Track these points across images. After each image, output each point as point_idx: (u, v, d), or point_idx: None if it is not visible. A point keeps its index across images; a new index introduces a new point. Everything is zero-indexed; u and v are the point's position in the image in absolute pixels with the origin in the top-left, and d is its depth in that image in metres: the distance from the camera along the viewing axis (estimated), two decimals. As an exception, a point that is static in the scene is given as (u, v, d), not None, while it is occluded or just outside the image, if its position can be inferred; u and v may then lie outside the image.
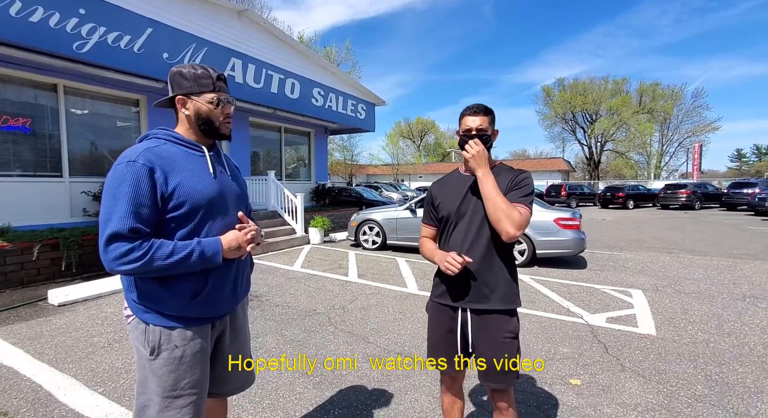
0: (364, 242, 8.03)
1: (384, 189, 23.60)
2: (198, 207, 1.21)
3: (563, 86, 43.56)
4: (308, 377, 2.72)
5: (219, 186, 1.28)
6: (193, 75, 1.26)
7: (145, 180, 1.11)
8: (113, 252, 1.08)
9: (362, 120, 12.74)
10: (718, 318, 3.83)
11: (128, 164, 1.12)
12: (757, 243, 8.73)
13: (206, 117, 1.28)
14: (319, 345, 3.25)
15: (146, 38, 6.50)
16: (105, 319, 3.85)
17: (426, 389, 2.54)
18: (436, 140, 62.32)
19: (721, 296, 4.60)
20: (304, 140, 13.01)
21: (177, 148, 1.24)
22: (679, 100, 42.30)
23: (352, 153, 37.01)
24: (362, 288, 5.06)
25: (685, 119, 42.82)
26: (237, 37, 8.90)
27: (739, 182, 21.15)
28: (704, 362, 2.86)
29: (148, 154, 1.16)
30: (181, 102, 1.27)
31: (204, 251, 1.17)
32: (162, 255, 1.11)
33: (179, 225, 1.20)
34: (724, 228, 11.78)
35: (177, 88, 1.26)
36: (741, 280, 5.35)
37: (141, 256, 1.09)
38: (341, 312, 4.11)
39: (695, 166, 37.82)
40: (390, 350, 3.16)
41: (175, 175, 1.18)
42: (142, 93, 7.60)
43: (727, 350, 3.09)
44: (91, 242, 5.58)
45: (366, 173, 46.85)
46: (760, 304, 4.27)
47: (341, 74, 12.81)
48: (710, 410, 2.25)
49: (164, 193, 1.15)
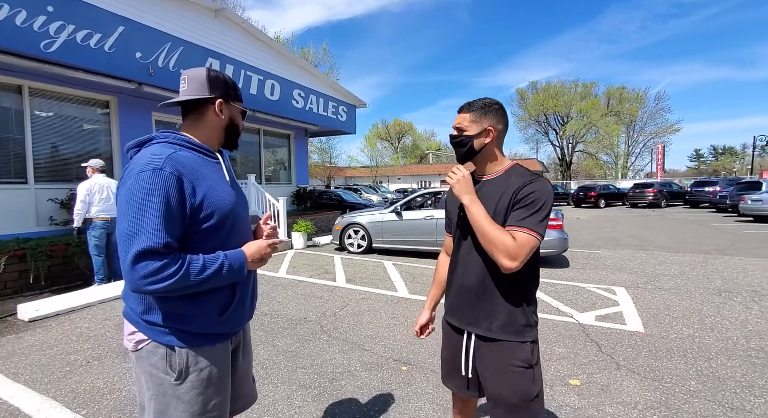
0: (349, 245, 7.94)
1: (363, 191, 23.51)
2: (225, 218, 1.15)
3: (536, 89, 44.96)
4: (306, 389, 2.64)
5: (236, 194, 1.24)
6: (232, 82, 1.26)
7: (174, 190, 1.04)
8: (143, 270, 0.98)
9: (343, 122, 12.64)
10: (699, 313, 4.00)
11: (155, 172, 1.03)
12: (723, 239, 9.25)
13: (236, 125, 1.28)
14: (314, 355, 3.16)
15: (118, 37, 6.18)
16: (80, 335, 3.61)
17: (429, 397, 2.51)
18: (414, 142, 62.81)
19: (698, 291, 4.83)
20: (283, 143, 12.77)
21: (193, 154, 1.17)
22: (644, 103, 44.54)
23: (330, 155, 36.76)
24: (352, 293, 4.99)
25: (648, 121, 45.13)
26: (214, 36, 8.63)
27: (701, 181, 22.43)
28: (693, 358, 2.97)
29: (173, 161, 1.07)
30: (219, 105, 1.22)
31: (232, 265, 1.12)
32: (195, 271, 1.04)
33: (207, 238, 1.12)
34: (690, 225, 12.42)
35: (216, 91, 1.21)
36: (714, 275, 5.63)
37: (174, 272, 1.00)
38: (333, 319, 4.03)
39: (659, 166, 39.86)
40: (387, 356, 3.11)
41: (201, 184, 1.11)
42: (113, 94, 7.23)
43: (713, 344, 3.22)
44: (60, 252, 5.24)
45: (344, 176, 46.60)
46: (736, 298, 4.50)
47: (321, 76, 12.68)
48: (707, 405, 2.33)
49: (193, 204, 1.08)
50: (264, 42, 10.27)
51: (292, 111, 10.48)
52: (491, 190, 1.33)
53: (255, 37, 9.94)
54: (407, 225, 7.30)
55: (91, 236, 4.96)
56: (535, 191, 1.23)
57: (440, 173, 46.48)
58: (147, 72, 6.76)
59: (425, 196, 8.45)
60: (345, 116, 12.69)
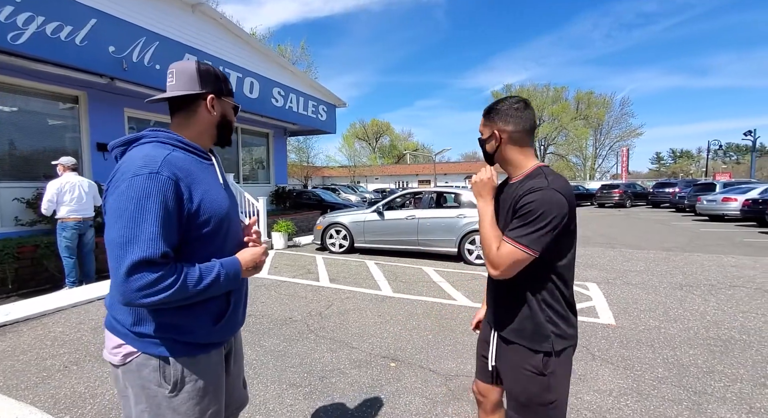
0: (330, 245, 7.94)
1: (342, 191, 23.46)
2: (221, 223, 1.10)
3: (511, 92, 46.15)
4: (297, 387, 2.66)
5: (229, 197, 1.19)
6: (223, 76, 1.19)
7: (171, 196, 0.98)
8: (138, 281, 0.91)
9: (323, 121, 12.59)
10: (663, 306, 4.29)
11: (151, 176, 0.96)
12: (682, 237, 9.88)
13: (229, 121, 1.22)
14: (303, 354, 3.18)
15: (90, 30, 5.93)
16: (55, 339, 3.47)
17: (418, 391, 2.59)
18: (391, 142, 63.08)
19: (662, 285, 5.17)
20: (262, 142, 12.57)
21: (187, 155, 1.10)
22: (610, 107, 46.73)
23: (308, 155, 36.38)
24: (336, 293, 5.01)
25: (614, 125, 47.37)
26: (191, 31, 8.41)
27: (662, 182, 23.78)
28: (660, 347, 3.20)
29: (169, 164, 1.01)
30: (211, 101, 1.15)
31: (228, 273, 1.07)
32: (192, 282, 0.99)
33: (204, 245, 1.07)
34: (653, 224, 13.17)
35: (208, 86, 1.15)
36: (675, 270, 6.04)
37: (171, 284, 0.95)
38: (319, 318, 4.05)
39: (624, 168, 41.95)
40: (376, 354, 3.18)
41: (198, 189, 1.05)
42: (83, 89, 6.93)
43: (677, 334, 3.48)
44: (28, 254, 4.98)
45: (322, 175, 46.23)
46: (695, 292, 4.85)
47: (301, 74, 12.58)
48: (673, 390, 2.54)
49: (190, 210, 1.02)
50: (243, 38, 10.09)
51: (272, 109, 10.35)
52: (509, 194, 1.31)
53: (233, 34, 9.75)
54: (389, 225, 7.38)
55: (62, 237, 4.75)
56: (533, 202, 1.16)
57: (418, 173, 46.92)
58: (120, 66, 6.53)
59: (406, 196, 8.57)
60: (325, 115, 12.64)
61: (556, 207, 1.15)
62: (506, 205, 1.30)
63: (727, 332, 3.53)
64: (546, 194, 1.16)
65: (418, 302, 4.61)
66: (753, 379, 2.67)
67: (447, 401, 2.47)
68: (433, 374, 2.83)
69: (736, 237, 9.73)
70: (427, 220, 7.08)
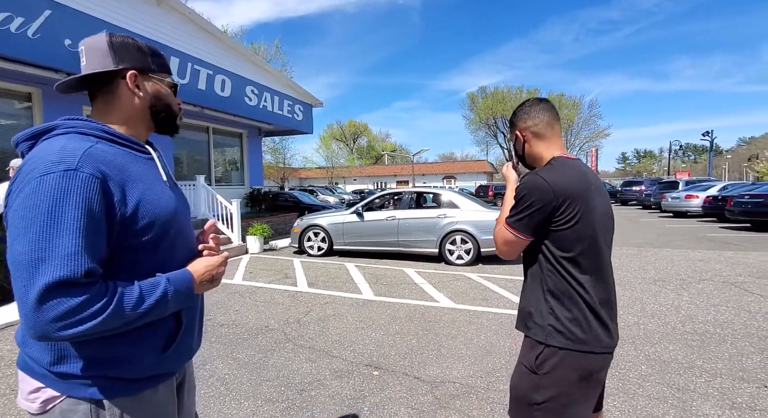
0: (309, 248, 7.72)
1: (320, 193, 23.16)
2: (167, 229, 0.91)
3: (485, 94, 47.04)
4: (273, 403, 2.48)
5: (176, 197, 0.99)
6: (148, 48, 0.97)
7: (97, 198, 0.78)
8: (55, 310, 0.71)
9: (299, 121, 12.31)
10: (640, 302, 4.36)
11: (68, 174, 0.76)
12: (651, 233, 10.25)
13: (167, 103, 1.00)
14: (280, 366, 3.00)
15: (44, 21, 5.49)
16: (2, 359, 3.13)
17: (403, 401, 2.47)
18: (369, 143, 62.99)
19: (637, 281, 5.28)
20: (235, 142, 12.16)
21: (116, 148, 0.89)
22: (579, 109, 48.35)
23: (284, 156, 35.71)
24: (315, 298, 4.83)
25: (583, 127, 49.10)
26: (156, 26, 8.00)
27: (629, 181, 24.82)
28: (641, 344, 3.22)
29: (92, 159, 0.80)
30: (132, 79, 0.93)
31: (178, 291, 0.88)
32: (129, 305, 0.79)
33: (145, 255, 0.88)
34: (623, 221, 13.64)
35: (126, 60, 0.92)
36: (648, 266, 6.21)
37: (101, 309, 0.75)
38: (297, 326, 3.86)
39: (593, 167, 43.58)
40: (358, 362, 3.04)
41: (134, 187, 0.86)
42: (37, 85, 6.43)
43: (655, 330, 3.52)
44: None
45: (299, 177, 45.55)
46: (668, 286, 4.98)
47: (276, 73, 12.27)
48: (657, 388, 2.53)
49: (124, 214, 0.82)
50: (213, 34, 9.70)
51: (245, 109, 10.01)
52: None
53: (203, 29, 9.36)
54: (369, 226, 7.24)
55: None
56: (518, 187, 1.25)
57: (396, 174, 47.02)
58: (78, 61, 6.08)
59: (386, 196, 8.46)
60: (301, 115, 12.36)
61: (536, 192, 1.17)
62: None
63: (702, 325, 3.61)
64: (529, 180, 1.21)
65: (400, 305, 4.49)
66: (731, 373, 2.71)
67: (434, 410, 2.36)
68: (418, 381, 2.71)
69: (699, 232, 10.18)
70: (407, 220, 6.99)
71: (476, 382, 2.66)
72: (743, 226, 10.98)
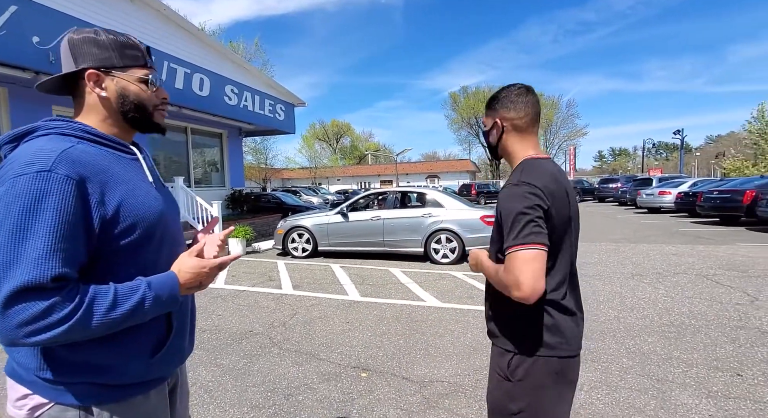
0: (293, 250, 7.62)
1: (303, 193, 22.91)
2: (152, 230, 0.88)
3: (467, 94, 47.65)
4: (260, 409, 2.43)
5: (163, 199, 0.96)
6: (114, 42, 0.90)
7: (72, 200, 0.76)
8: (20, 315, 0.70)
9: (281, 121, 12.15)
10: (619, 296, 4.49)
11: (41, 176, 0.74)
12: (628, 229, 10.59)
13: (136, 100, 0.92)
14: (265, 371, 2.94)
15: (9, 18, 5.23)
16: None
17: (392, 402, 2.46)
18: (352, 143, 62.77)
19: (616, 276, 5.43)
20: (215, 142, 11.90)
21: (98, 149, 0.87)
22: (558, 109, 49.57)
23: (266, 156, 35.20)
24: (300, 300, 4.77)
25: (562, 125, 50.37)
26: (130, 23, 7.73)
27: (606, 179, 25.57)
28: (621, 337, 3.31)
29: (68, 160, 0.78)
30: (93, 79, 0.89)
31: (159, 296, 0.83)
32: (101, 309, 0.76)
33: (128, 259, 0.85)
34: (601, 217, 14.05)
35: (84, 60, 0.88)
36: (626, 261, 6.40)
37: (67, 316, 0.72)
38: (282, 330, 3.80)
39: (571, 165, 44.77)
40: (345, 364, 3.01)
41: (115, 188, 0.83)
42: (3, 84, 6.15)
43: (634, 323, 3.63)
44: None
45: (281, 177, 44.99)
46: (645, 280, 5.14)
47: (257, 72, 12.06)
48: (638, 379, 2.60)
49: (104, 216, 0.80)
50: (190, 32, 9.46)
51: (225, 108, 9.80)
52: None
53: (179, 26, 9.11)
54: (354, 226, 7.21)
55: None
56: (502, 204, 1.10)
57: (380, 174, 47.02)
58: (47, 60, 5.82)
59: (370, 196, 8.43)
60: (283, 115, 12.20)
61: (532, 197, 1.05)
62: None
63: (678, 317, 3.74)
64: (515, 190, 1.08)
65: (386, 305, 4.48)
66: (706, 363, 2.81)
67: (423, 410, 2.36)
68: (407, 381, 2.71)
69: (672, 227, 10.58)
70: (392, 220, 6.99)
71: (464, 380, 2.67)
72: (713, 220, 11.47)
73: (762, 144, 23.89)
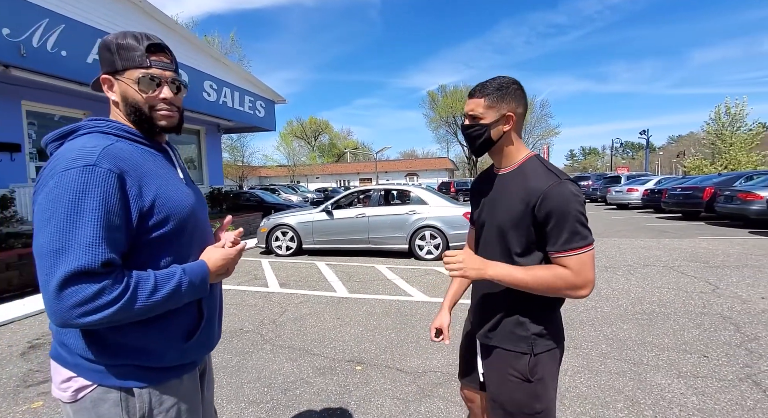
0: (276, 248, 7.56)
1: (282, 191, 22.60)
2: (184, 223, 0.94)
3: (445, 92, 48.17)
4: (258, 404, 2.45)
5: (194, 194, 1.02)
6: (117, 46, 0.92)
7: (115, 192, 0.82)
8: (73, 297, 0.75)
9: (261, 118, 11.96)
10: (596, 287, 4.74)
11: (86, 169, 0.80)
12: (599, 224, 11.09)
13: (132, 102, 0.94)
14: (260, 367, 2.95)
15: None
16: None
17: (388, 393, 2.54)
18: (331, 141, 62.29)
19: (591, 269, 5.72)
20: (192, 139, 11.58)
21: (133, 146, 0.93)
22: (532, 108, 50.95)
23: (243, 154, 34.46)
24: (288, 298, 4.77)
25: (536, 125, 51.83)
26: (105, 15, 7.43)
27: (578, 176, 26.61)
28: (600, 325, 3.52)
29: (110, 155, 0.84)
30: (106, 83, 0.95)
31: (192, 281, 0.90)
32: (144, 294, 0.82)
33: (161, 249, 0.91)
34: (574, 214, 14.62)
35: (103, 65, 0.95)
36: (599, 254, 6.73)
37: (116, 298, 0.78)
38: (273, 327, 3.80)
39: (546, 164, 46.13)
40: (339, 358, 3.06)
41: (150, 183, 0.89)
42: (-37, 76, 5.76)
43: (610, 312, 3.86)
44: None
45: (258, 175, 44.15)
46: (618, 272, 5.45)
47: (236, 68, 11.81)
48: (616, 363, 2.79)
49: (141, 208, 0.86)
50: (167, 25, 9.16)
51: (203, 104, 9.57)
52: (508, 188, 1.18)
53: (155, 19, 8.81)
54: (339, 224, 7.23)
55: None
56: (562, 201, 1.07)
57: (359, 172, 46.94)
58: (18, 52, 5.53)
59: (354, 194, 8.47)
60: (263, 112, 12.01)
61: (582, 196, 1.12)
62: (510, 201, 1.15)
63: (649, 306, 4.00)
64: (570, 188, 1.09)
65: (375, 301, 4.55)
66: (676, 346, 3.05)
67: (419, 399, 2.45)
68: (401, 373, 2.79)
69: (640, 222, 11.17)
70: (377, 218, 7.06)
71: (456, 370, 2.78)
72: (676, 216, 12.19)
73: (718, 144, 25.44)
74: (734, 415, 2.15)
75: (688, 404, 2.27)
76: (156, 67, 0.94)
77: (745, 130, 24.91)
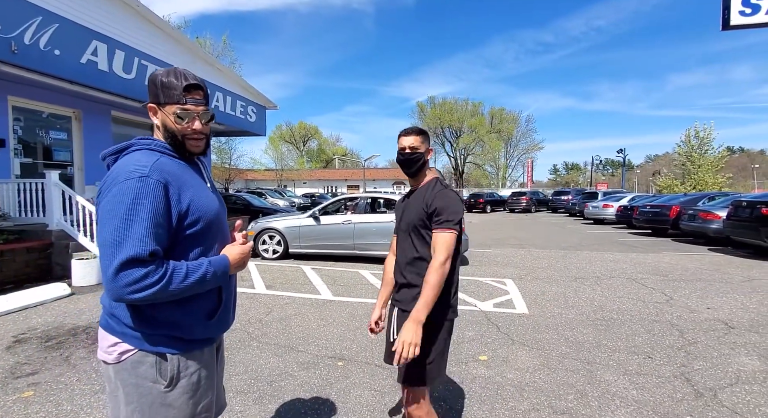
0: (263, 251, 7.72)
1: (269, 195, 22.60)
2: (210, 224, 1.18)
3: (434, 104, 49.19)
4: (245, 394, 2.66)
5: (217, 200, 1.27)
6: (161, 83, 1.16)
7: (161, 198, 1.05)
8: (126, 278, 0.98)
9: (252, 123, 12.12)
10: (563, 296, 5.11)
11: (141, 180, 1.04)
12: (575, 237, 11.62)
13: (170, 130, 1.18)
14: (247, 362, 3.15)
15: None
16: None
17: (366, 385, 2.78)
18: (320, 146, 62.38)
19: (562, 279, 6.10)
20: (181, 141, 11.62)
21: (173, 161, 1.18)
22: (518, 123, 52.43)
23: (230, 156, 34.25)
24: (274, 299, 4.96)
25: (521, 139, 53.29)
26: (100, 16, 7.54)
27: (558, 191, 27.52)
28: (562, 329, 3.85)
29: (158, 169, 1.08)
30: (151, 111, 1.20)
31: (216, 271, 1.14)
32: (178, 279, 1.06)
33: (192, 244, 1.15)
34: (553, 227, 15.20)
35: (149, 95, 1.20)
36: (571, 266, 7.15)
37: (157, 281, 1.02)
38: (260, 326, 4.00)
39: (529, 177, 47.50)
40: (322, 355, 3.29)
41: (186, 191, 1.13)
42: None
43: (574, 318, 4.20)
44: None
45: (245, 178, 43.79)
46: (586, 283, 5.84)
47: (228, 71, 11.97)
48: (573, 363, 3.11)
49: (180, 211, 1.10)
50: (162, 29, 9.30)
51: (195, 108, 9.66)
52: (417, 197, 1.72)
53: (151, 23, 8.94)
54: (325, 230, 7.45)
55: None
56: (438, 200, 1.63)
57: (347, 178, 47.13)
58: (8, 49, 5.61)
59: (341, 201, 8.71)
60: (254, 117, 12.18)
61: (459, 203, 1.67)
62: (416, 205, 1.69)
63: (609, 313, 4.37)
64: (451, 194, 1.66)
65: (358, 304, 4.79)
66: (626, 348, 3.39)
67: (394, 391, 2.70)
68: (380, 368, 3.04)
69: (612, 237, 11.74)
70: (363, 224, 7.31)
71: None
72: (646, 232, 12.84)
73: (688, 165, 26.80)
74: (664, 405, 2.48)
75: (628, 397, 2.59)
76: (191, 104, 1.17)
77: (712, 154, 26.35)
